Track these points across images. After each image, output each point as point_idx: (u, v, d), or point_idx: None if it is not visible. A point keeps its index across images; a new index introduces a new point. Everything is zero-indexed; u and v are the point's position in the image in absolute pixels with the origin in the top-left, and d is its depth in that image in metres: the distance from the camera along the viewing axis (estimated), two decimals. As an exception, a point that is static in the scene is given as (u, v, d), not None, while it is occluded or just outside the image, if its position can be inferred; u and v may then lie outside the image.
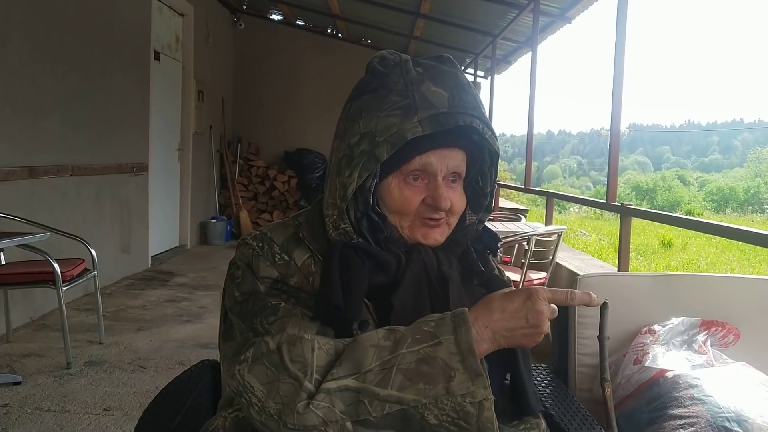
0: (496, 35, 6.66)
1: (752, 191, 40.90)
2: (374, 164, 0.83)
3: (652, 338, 1.53)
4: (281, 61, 8.29)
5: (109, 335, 3.48)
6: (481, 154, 0.91)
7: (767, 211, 34.37)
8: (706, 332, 1.57)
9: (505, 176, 18.47)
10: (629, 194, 38.92)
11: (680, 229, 10.27)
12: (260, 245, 0.88)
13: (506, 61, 7.89)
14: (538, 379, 1.50)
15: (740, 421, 1.29)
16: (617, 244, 3.50)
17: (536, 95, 5.58)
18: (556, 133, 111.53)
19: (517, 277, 3.27)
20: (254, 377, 0.75)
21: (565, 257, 4.34)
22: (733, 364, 1.51)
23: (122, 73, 4.88)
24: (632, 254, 7.55)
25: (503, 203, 7.22)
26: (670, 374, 1.44)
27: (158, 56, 5.79)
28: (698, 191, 46.42)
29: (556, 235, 3.45)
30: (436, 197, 0.86)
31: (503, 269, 1.05)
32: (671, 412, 1.37)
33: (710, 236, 10.93)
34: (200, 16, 6.77)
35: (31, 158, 3.68)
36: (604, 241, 12.35)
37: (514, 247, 4.17)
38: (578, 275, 1.67)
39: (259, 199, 8.12)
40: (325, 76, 8.32)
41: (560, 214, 21.86)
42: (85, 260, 3.27)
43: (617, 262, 3.40)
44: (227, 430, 0.90)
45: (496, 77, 7.50)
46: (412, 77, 0.84)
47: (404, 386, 0.72)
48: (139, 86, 5.22)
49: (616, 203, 3.55)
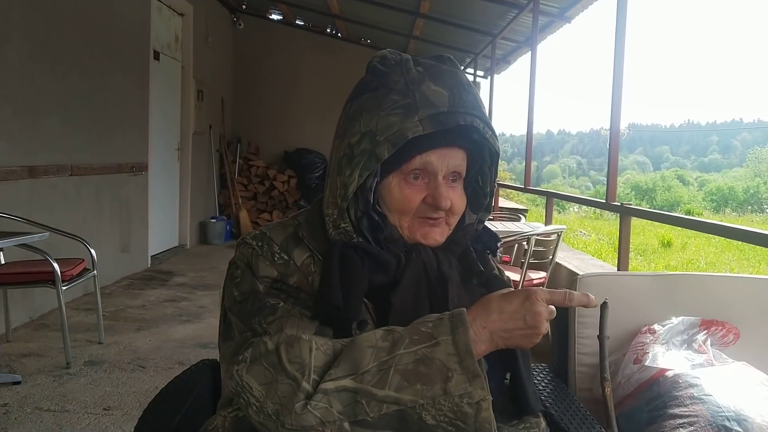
0: (495, 35, 6.65)
1: (751, 191, 40.93)
2: (375, 163, 0.83)
3: (651, 338, 1.53)
4: (281, 60, 8.29)
5: (108, 335, 3.48)
6: (481, 153, 0.91)
7: (766, 210, 34.38)
8: (705, 332, 1.58)
9: (504, 176, 18.45)
10: (629, 194, 38.94)
11: (680, 228, 10.27)
12: (260, 245, 0.88)
13: (506, 60, 7.88)
14: (538, 378, 1.50)
15: (740, 420, 1.29)
16: (617, 243, 3.50)
17: (536, 95, 5.57)
18: (555, 132, 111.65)
19: (516, 276, 3.27)
20: (252, 378, 0.75)
21: (564, 257, 4.34)
22: (732, 363, 1.51)
23: (122, 72, 4.88)
24: (632, 254, 7.55)
25: (503, 203, 7.23)
26: (669, 374, 1.44)
27: (158, 56, 5.79)
28: (698, 191, 46.47)
29: (555, 234, 3.46)
30: (436, 196, 0.86)
31: (503, 269, 1.05)
32: (671, 411, 1.37)
33: (710, 236, 10.93)
34: (200, 15, 6.77)
35: (30, 158, 3.68)
36: (603, 240, 12.35)
37: (513, 246, 4.17)
38: (578, 275, 1.68)
39: (258, 198, 8.12)
40: (324, 75, 8.31)
41: (560, 213, 21.87)
42: (84, 260, 3.27)
43: (617, 261, 3.40)
44: (227, 429, 0.90)
45: (495, 77, 7.50)
46: (412, 76, 0.84)
47: (402, 387, 0.72)
48: (138, 86, 5.21)
49: (615, 203, 3.55)
